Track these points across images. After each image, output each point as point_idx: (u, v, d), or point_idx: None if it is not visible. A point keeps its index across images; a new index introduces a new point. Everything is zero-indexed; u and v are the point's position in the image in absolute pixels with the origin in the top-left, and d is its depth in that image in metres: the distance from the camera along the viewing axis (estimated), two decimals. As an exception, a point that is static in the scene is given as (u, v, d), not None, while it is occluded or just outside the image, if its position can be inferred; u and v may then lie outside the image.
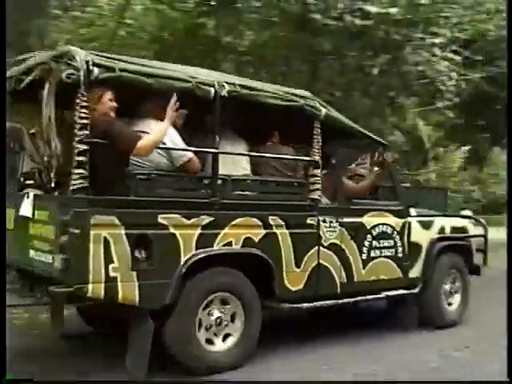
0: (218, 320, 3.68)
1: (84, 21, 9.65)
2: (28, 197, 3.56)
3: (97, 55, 3.24)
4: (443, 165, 13.42)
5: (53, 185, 3.76)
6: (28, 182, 3.99)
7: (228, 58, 11.23)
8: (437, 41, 9.54)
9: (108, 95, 3.34)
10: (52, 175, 3.78)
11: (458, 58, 10.15)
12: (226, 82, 3.62)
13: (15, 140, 4.09)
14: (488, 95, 11.75)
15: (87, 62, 3.11)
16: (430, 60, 9.72)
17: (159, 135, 3.33)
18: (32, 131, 4.00)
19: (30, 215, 3.51)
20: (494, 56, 11.18)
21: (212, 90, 3.53)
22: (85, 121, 3.09)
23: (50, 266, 3.21)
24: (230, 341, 3.74)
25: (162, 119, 3.46)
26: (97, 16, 9.78)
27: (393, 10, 8.58)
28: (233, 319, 3.75)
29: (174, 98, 3.36)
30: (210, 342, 3.67)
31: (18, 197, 3.79)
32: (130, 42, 10.20)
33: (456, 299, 5.29)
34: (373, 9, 8.52)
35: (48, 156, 3.82)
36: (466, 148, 12.78)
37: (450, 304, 5.24)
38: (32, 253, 3.48)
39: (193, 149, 3.58)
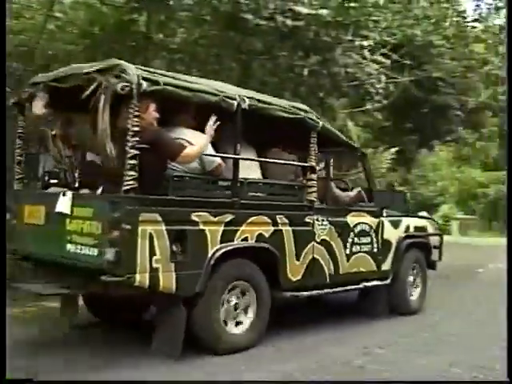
0: (237, 305, 4.60)
1: (10, 12, 9.91)
2: (64, 195, 4.24)
3: (143, 70, 4.01)
4: (372, 166, 15.00)
5: (77, 184, 4.48)
6: (52, 181, 4.64)
7: (159, 55, 11.88)
8: (366, 43, 10.73)
9: (153, 107, 4.13)
10: (76, 175, 4.50)
11: (387, 61, 11.50)
12: (246, 97, 4.54)
13: (40, 142, 4.73)
14: (416, 98, 13.33)
15: (137, 76, 3.87)
16: (360, 62, 10.88)
17: (203, 147, 4.23)
18: (53, 133, 4.68)
19: (68, 212, 4.19)
20: (422, 61, 12.79)
21: (235, 103, 4.44)
22: (136, 129, 3.86)
23: (98, 259, 3.93)
24: (246, 324, 4.67)
25: (193, 128, 4.31)
26: (24, 8, 10.07)
27: (323, 12, 9.49)
28: (248, 305, 4.68)
29: (213, 118, 4.22)
30: (230, 324, 4.58)
31: (48, 195, 4.47)
32: (59, 36, 10.58)
33: (417, 290, 6.62)
34: (303, 10, 9.38)
35: (69, 157, 4.55)
36: (394, 149, 14.46)
37: (412, 294, 6.54)
38: (70, 247, 4.17)
39: (223, 155, 4.48)
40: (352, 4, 10.09)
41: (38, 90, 4.51)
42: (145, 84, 3.90)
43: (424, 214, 8.54)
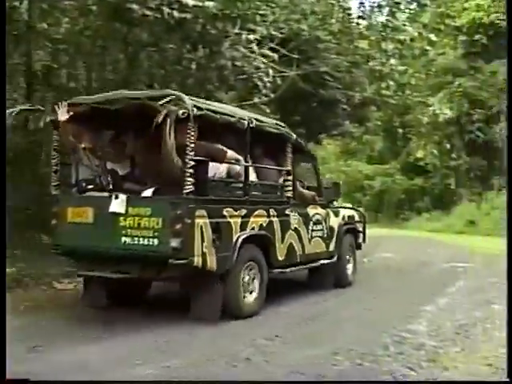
0: (249, 281, 7.28)
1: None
2: (117, 198, 6.60)
3: (191, 99, 6.55)
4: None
5: (111, 187, 6.88)
6: (89, 186, 6.97)
7: (43, 44, 13.22)
8: (252, 37, 12.47)
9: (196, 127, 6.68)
10: (110, 180, 6.90)
11: (274, 55, 13.58)
12: (253, 118, 7.29)
13: (73, 153, 7.05)
14: (303, 92, 16.33)
15: (191, 104, 6.40)
16: (248, 56, 12.73)
17: (234, 155, 6.93)
18: (83, 146, 7.02)
19: (122, 211, 6.56)
20: (309, 55, 15.81)
21: (246, 122, 7.14)
22: (193, 145, 6.38)
23: (160, 247, 6.36)
24: (253, 295, 7.37)
25: (220, 143, 6.95)
26: None
27: (209, 4, 10.84)
28: (255, 281, 7.39)
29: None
30: (245, 295, 7.25)
31: (94, 198, 6.90)
32: None
33: (351, 266, 9.96)
34: (190, 1, 10.64)
35: (97, 166, 6.98)
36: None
37: (349, 270, 9.83)
38: (125, 239, 6.55)
39: (247, 164, 7.21)
40: (239, -3, 11.44)
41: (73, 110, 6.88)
42: (195, 110, 6.46)
43: (349, 205, 11.83)
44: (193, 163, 6.41)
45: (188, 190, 6.38)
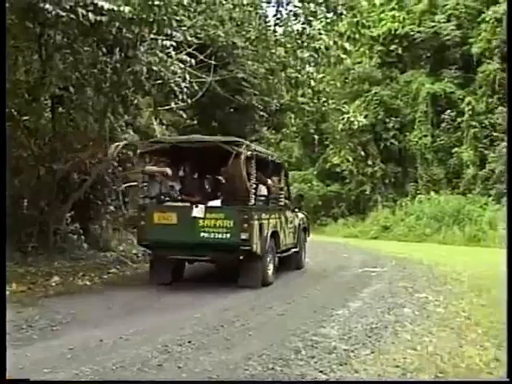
0: (269, 260, 18.17)
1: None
2: (197, 206, 16.83)
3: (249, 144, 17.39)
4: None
5: (180, 198, 17.52)
6: (167, 198, 17.42)
7: None
8: (169, 42, 16.71)
9: None
10: (179, 194, 17.25)
11: (191, 60, 18.59)
12: (272, 154, 18.95)
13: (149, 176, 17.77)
14: (220, 98, 23.05)
15: (252, 147, 17.13)
16: (165, 61, 16.99)
17: (271, 183, 17.99)
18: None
19: (202, 216, 16.70)
20: (226, 61, 22.71)
21: (269, 157, 18.52)
22: (255, 175, 16.81)
23: (232, 239, 16.45)
24: (271, 270, 18.42)
25: (260, 171, 17.11)
26: None
27: (125, 8, 13.82)
28: (271, 261, 18.25)
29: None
30: (268, 270, 18.07)
31: (177, 206, 17.34)
32: None
33: (303, 254, 22.08)
34: (106, 4, 13.57)
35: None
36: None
37: (302, 257, 22.02)
38: (204, 234, 16.66)
39: (270, 185, 17.85)
40: (156, 2, 14.99)
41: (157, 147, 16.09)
42: (254, 152, 16.71)
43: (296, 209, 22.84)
44: (255, 186, 16.73)
45: (252, 203, 16.71)
